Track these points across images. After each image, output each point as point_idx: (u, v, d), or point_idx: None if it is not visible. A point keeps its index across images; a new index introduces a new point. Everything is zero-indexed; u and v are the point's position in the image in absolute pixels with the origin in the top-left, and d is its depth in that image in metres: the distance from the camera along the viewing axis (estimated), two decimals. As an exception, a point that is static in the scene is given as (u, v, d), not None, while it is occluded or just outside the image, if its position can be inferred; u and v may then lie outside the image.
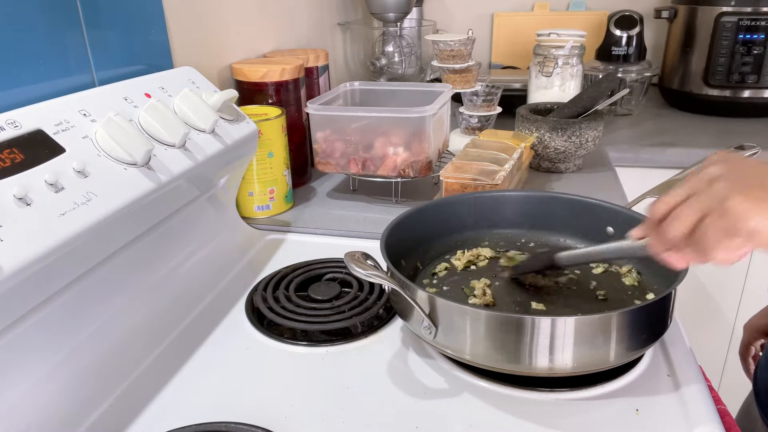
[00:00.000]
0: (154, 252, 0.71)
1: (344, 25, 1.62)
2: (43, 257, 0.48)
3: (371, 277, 0.55)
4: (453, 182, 0.86)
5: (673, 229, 0.44)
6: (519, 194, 0.79)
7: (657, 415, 0.52)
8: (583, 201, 0.74)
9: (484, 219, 0.77)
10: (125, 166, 0.59)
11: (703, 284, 1.40)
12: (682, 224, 0.43)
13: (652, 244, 0.47)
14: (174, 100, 0.71)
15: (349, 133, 0.96)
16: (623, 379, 0.56)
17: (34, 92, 0.64)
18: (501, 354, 0.52)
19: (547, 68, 1.29)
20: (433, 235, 0.74)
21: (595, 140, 1.09)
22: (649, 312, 0.53)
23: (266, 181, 0.93)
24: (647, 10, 1.61)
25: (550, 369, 0.52)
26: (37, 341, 0.54)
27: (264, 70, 0.98)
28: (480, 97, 1.22)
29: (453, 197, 0.77)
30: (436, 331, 0.55)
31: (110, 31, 0.74)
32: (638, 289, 0.66)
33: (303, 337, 0.65)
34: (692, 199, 0.44)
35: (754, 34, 1.38)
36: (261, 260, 0.83)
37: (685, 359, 0.59)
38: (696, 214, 0.43)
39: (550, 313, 0.62)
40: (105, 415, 0.54)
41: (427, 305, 0.55)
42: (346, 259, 0.56)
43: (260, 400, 0.56)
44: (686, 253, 0.44)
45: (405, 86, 1.11)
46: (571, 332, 0.50)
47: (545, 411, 0.53)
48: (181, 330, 0.67)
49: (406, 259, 0.70)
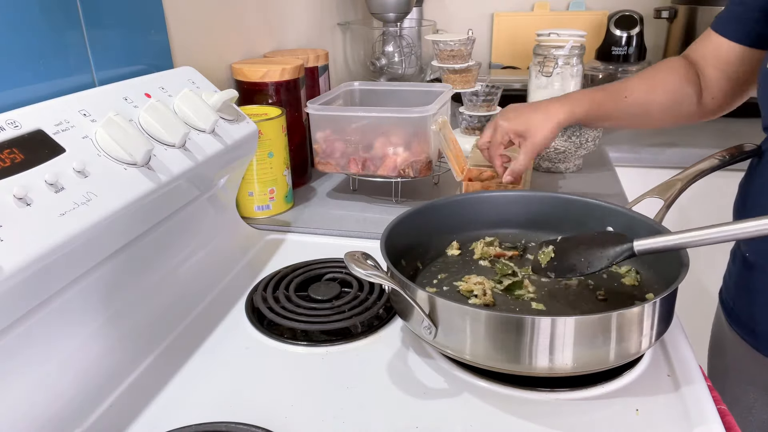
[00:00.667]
0: (154, 252, 0.71)
1: (344, 25, 1.62)
2: (43, 257, 0.48)
3: (371, 277, 0.55)
4: (475, 184, 0.87)
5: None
6: (519, 194, 0.79)
7: (657, 415, 0.52)
8: (583, 201, 0.74)
9: (483, 219, 0.77)
10: (125, 166, 0.59)
11: (703, 284, 1.40)
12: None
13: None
14: (174, 100, 0.71)
15: (349, 133, 0.96)
16: (623, 379, 0.56)
17: (34, 92, 0.63)
18: (501, 354, 0.52)
19: (547, 68, 1.29)
20: (433, 235, 0.74)
21: (595, 140, 1.10)
22: (649, 312, 0.53)
23: (266, 181, 0.93)
24: (647, 10, 1.61)
25: (550, 369, 0.51)
26: (37, 341, 0.54)
27: (264, 70, 0.98)
28: (480, 97, 1.22)
29: (453, 197, 0.77)
30: (436, 331, 0.55)
31: (110, 31, 0.74)
32: (638, 289, 0.66)
33: (303, 337, 0.65)
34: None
35: (754, 34, 1.38)
36: (261, 260, 0.83)
37: (685, 359, 0.59)
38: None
39: (550, 313, 0.62)
40: (105, 415, 0.54)
41: (427, 305, 0.55)
42: (346, 259, 0.56)
43: (260, 400, 0.56)
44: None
45: (405, 86, 1.11)
46: (571, 332, 0.50)
47: (545, 411, 0.53)
48: (181, 330, 0.67)
49: (406, 259, 0.70)
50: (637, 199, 0.76)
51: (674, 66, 0.86)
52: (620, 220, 0.69)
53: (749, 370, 0.79)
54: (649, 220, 0.66)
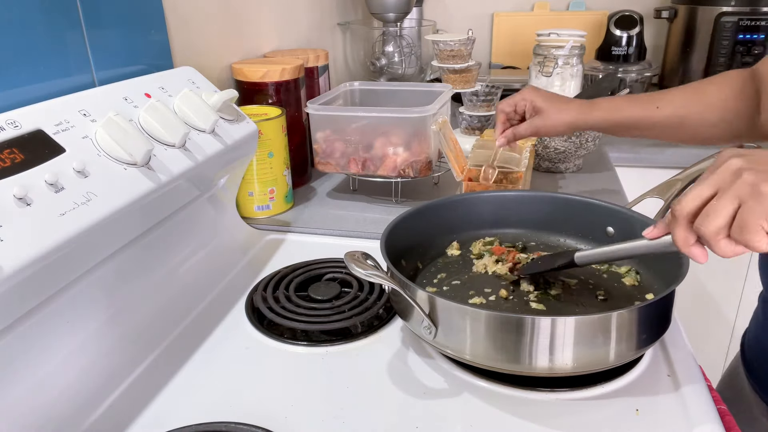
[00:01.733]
0: (154, 252, 0.71)
1: (344, 25, 1.62)
2: (43, 257, 0.48)
3: (371, 277, 0.55)
4: (475, 184, 0.86)
5: (710, 223, 0.44)
6: (518, 194, 0.79)
7: (657, 415, 0.52)
8: (583, 201, 0.74)
9: (483, 219, 0.77)
10: (125, 166, 0.59)
11: (703, 284, 1.40)
12: (719, 217, 0.43)
13: (678, 240, 0.47)
14: (174, 100, 0.71)
15: (349, 133, 0.96)
16: (623, 379, 0.56)
17: (34, 92, 0.64)
18: (501, 354, 0.52)
19: (547, 68, 1.29)
20: (433, 235, 0.74)
21: (595, 140, 1.10)
22: (648, 312, 0.53)
23: (266, 181, 0.93)
24: (647, 10, 1.61)
25: (550, 369, 0.51)
26: (38, 341, 0.54)
27: (264, 70, 0.98)
28: (480, 97, 1.22)
29: (452, 198, 0.77)
30: (436, 331, 0.55)
31: (110, 31, 0.74)
32: (638, 289, 0.66)
33: (303, 337, 0.65)
34: (723, 191, 0.44)
35: (754, 34, 1.38)
36: (261, 260, 0.83)
37: (685, 359, 0.59)
38: (732, 205, 0.43)
39: (550, 313, 0.62)
40: (105, 415, 0.54)
41: (427, 305, 0.55)
42: (346, 259, 0.56)
43: (260, 400, 0.56)
44: (721, 246, 0.44)
45: (405, 86, 1.11)
46: (571, 332, 0.50)
47: (545, 411, 0.53)
48: (181, 330, 0.67)
49: (406, 259, 0.70)
50: (637, 199, 0.76)
51: (729, 79, 0.78)
52: (620, 220, 0.69)
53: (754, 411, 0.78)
54: (649, 220, 0.66)
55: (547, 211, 0.76)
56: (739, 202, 0.43)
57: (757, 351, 0.80)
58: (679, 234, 0.47)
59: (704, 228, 0.44)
